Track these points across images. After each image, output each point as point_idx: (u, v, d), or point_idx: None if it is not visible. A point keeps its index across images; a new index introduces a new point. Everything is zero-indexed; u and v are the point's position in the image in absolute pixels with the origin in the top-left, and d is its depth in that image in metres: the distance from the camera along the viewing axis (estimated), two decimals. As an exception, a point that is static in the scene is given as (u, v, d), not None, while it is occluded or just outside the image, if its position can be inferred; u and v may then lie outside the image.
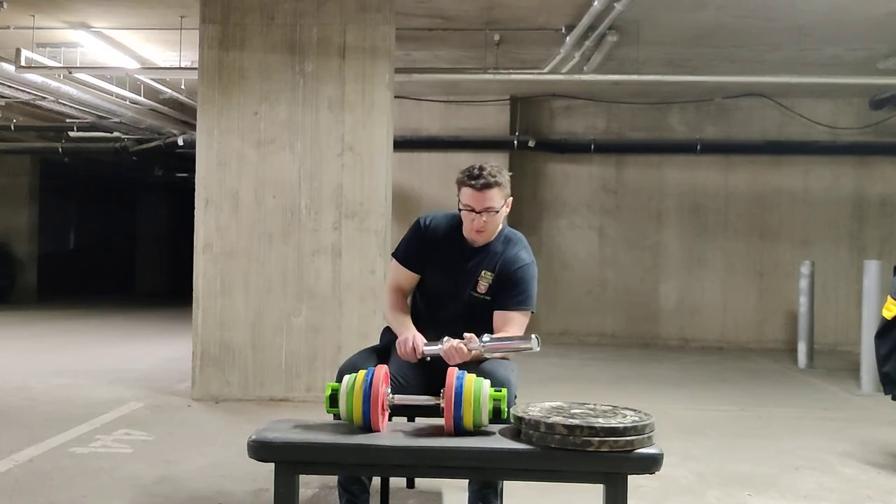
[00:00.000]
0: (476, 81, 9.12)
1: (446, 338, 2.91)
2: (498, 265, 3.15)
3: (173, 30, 7.39)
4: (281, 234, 5.91)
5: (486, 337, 2.91)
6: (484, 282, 3.15)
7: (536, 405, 2.58)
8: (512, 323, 3.10)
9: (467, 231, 3.15)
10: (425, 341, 3.01)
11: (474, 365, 2.90)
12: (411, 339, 3.01)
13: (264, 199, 5.91)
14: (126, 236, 19.70)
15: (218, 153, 5.93)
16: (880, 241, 10.17)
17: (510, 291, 3.11)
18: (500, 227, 3.21)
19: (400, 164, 6.95)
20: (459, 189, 3.13)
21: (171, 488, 3.76)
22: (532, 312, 3.18)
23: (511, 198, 3.17)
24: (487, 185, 3.04)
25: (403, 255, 3.27)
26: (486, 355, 2.93)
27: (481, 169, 3.08)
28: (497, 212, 3.09)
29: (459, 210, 3.14)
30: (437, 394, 2.62)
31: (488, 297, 3.15)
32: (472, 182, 3.06)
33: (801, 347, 8.29)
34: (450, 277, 3.19)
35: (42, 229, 15.38)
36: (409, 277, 3.26)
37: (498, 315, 3.12)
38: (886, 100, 9.59)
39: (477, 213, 3.07)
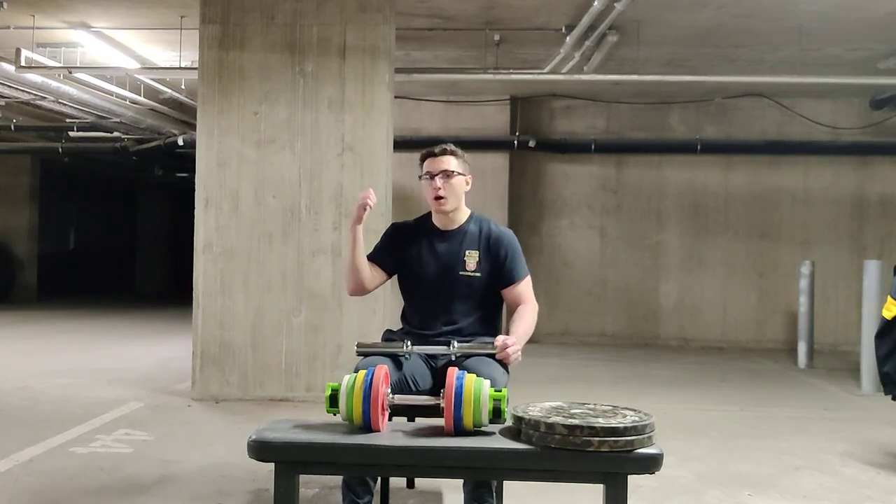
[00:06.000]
0: (476, 81, 9.11)
1: (500, 336, 3.03)
2: (482, 243, 3.29)
3: (173, 30, 7.39)
4: (281, 234, 5.91)
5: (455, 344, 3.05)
6: (471, 260, 3.28)
7: (536, 405, 2.57)
8: (524, 292, 3.28)
9: (429, 201, 3.30)
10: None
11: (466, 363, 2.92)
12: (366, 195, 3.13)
13: (264, 199, 5.92)
14: (126, 236, 19.69)
15: (218, 153, 5.93)
16: (880, 241, 10.17)
17: (510, 264, 3.27)
18: (469, 211, 3.37)
19: (400, 164, 6.93)
20: (421, 164, 3.32)
21: (171, 488, 3.76)
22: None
23: (471, 176, 3.35)
24: (444, 152, 3.29)
25: (374, 252, 3.39)
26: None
27: (442, 144, 3.35)
28: (453, 174, 3.25)
29: (420, 179, 3.30)
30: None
31: (478, 274, 3.27)
32: (432, 150, 3.31)
33: (801, 347, 8.29)
34: (434, 264, 3.29)
35: (42, 229, 15.37)
36: (374, 270, 3.34)
37: (508, 290, 3.27)
38: (886, 100, 9.61)
39: (434, 176, 3.24)
